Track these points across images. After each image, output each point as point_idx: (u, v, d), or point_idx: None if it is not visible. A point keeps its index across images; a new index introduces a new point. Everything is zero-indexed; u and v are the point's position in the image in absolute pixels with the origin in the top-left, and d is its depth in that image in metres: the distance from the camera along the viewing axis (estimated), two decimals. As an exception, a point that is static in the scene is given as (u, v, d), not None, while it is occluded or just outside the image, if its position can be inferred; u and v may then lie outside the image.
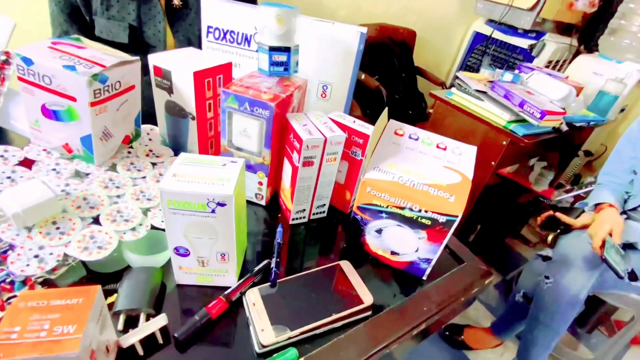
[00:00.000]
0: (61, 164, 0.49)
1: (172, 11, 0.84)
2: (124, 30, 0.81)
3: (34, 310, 0.28)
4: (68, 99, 0.45)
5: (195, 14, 0.85)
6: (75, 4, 0.80)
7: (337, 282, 0.47)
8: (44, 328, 0.27)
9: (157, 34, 0.83)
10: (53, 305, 0.28)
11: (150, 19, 0.82)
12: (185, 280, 0.45)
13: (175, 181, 0.37)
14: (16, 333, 0.26)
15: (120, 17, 0.80)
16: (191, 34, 0.88)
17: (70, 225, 0.42)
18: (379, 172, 0.46)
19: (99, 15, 0.80)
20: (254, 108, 0.51)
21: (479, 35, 2.30)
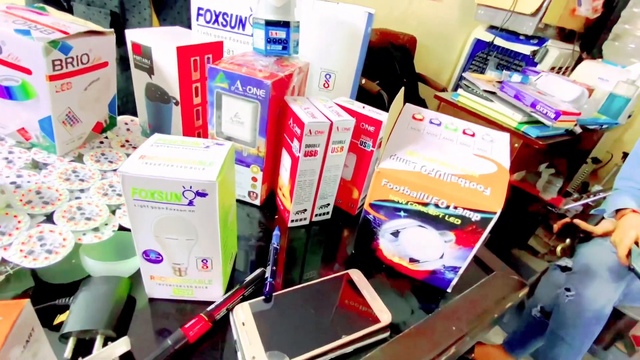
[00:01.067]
0: (15, 152, 0.41)
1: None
2: (105, 18, 0.74)
3: None
4: (21, 72, 0.37)
5: (185, 0, 0.79)
6: None
7: (347, 295, 0.39)
8: None
9: (142, 22, 0.76)
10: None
11: (135, 5, 0.75)
12: (158, 294, 0.36)
13: (142, 164, 0.29)
14: None
15: (101, 3, 0.73)
16: (179, 23, 0.81)
17: (14, 223, 0.33)
18: (397, 161, 0.38)
19: (77, 1, 0.73)
20: (246, 88, 0.43)
21: (480, 42, 2.27)
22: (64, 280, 0.36)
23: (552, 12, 1.90)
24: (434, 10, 2.14)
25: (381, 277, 0.45)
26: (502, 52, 2.14)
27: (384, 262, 0.45)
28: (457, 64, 2.44)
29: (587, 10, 1.89)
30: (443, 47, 2.34)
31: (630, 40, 1.79)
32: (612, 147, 2.08)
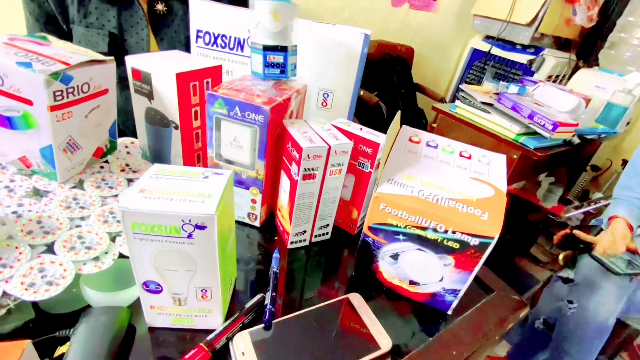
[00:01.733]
0: (17, 180, 0.42)
1: (156, 18, 0.78)
2: (104, 39, 0.75)
3: None
4: (23, 102, 0.38)
5: (181, 20, 0.80)
6: (52, 13, 0.74)
7: (347, 321, 0.39)
8: None
9: (139, 42, 0.77)
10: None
11: (133, 26, 0.76)
12: (158, 323, 0.36)
13: (141, 198, 0.29)
14: None
15: (99, 24, 0.74)
16: (177, 42, 0.82)
17: (15, 255, 0.34)
18: (395, 186, 0.39)
19: (76, 23, 0.74)
20: (245, 113, 0.44)
21: (477, 52, 2.29)
22: (64, 310, 0.36)
23: (548, 22, 1.92)
24: (430, 21, 2.17)
25: (381, 299, 0.45)
26: (499, 61, 2.16)
27: (384, 284, 0.45)
28: (454, 74, 2.46)
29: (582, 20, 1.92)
30: (440, 57, 2.36)
31: (626, 48, 1.80)
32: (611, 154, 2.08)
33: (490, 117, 1.16)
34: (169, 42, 0.81)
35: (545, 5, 1.88)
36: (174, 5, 0.79)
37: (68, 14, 0.73)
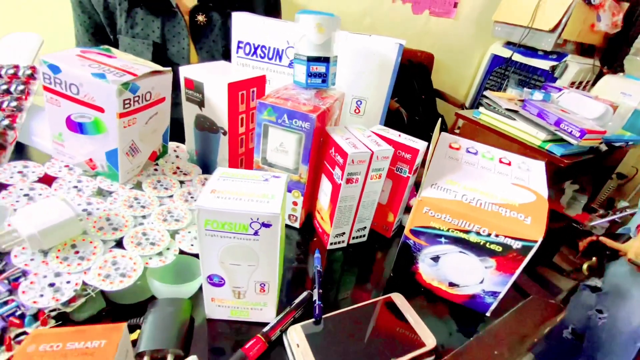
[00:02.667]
0: (83, 181, 0.45)
1: (196, 28, 0.83)
2: (148, 48, 0.79)
3: (46, 356, 0.22)
4: (95, 110, 0.42)
5: (220, 30, 0.84)
6: (100, 24, 0.79)
7: (392, 319, 0.41)
8: (57, 381, 0.21)
9: (181, 51, 0.82)
10: (70, 349, 0.23)
11: (175, 36, 0.81)
12: (216, 315, 0.38)
13: (214, 198, 0.32)
14: (22, 388, 0.21)
15: (144, 34, 0.79)
16: (215, 51, 0.86)
17: (90, 249, 0.37)
18: (438, 190, 0.40)
19: (123, 33, 0.79)
20: (292, 120, 0.46)
21: (497, 58, 2.28)
22: (131, 301, 0.39)
23: (571, 28, 1.90)
24: (451, 27, 2.18)
25: (420, 300, 0.46)
26: (520, 67, 2.14)
27: (422, 286, 0.47)
28: (473, 80, 2.46)
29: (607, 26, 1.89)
30: (460, 63, 2.36)
31: (652, 54, 1.77)
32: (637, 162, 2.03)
33: (516, 124, 1.16)
34: (208, 51, 0.85)
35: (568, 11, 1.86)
36: (213, 16, 0.83)
37: (116, 25, 0.78)
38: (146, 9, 0.77)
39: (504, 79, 2.21)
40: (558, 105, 1.26)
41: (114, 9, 0.77)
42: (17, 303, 0.33)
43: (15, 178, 0.43)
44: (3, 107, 0.54)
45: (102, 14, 0.77)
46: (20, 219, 0.35)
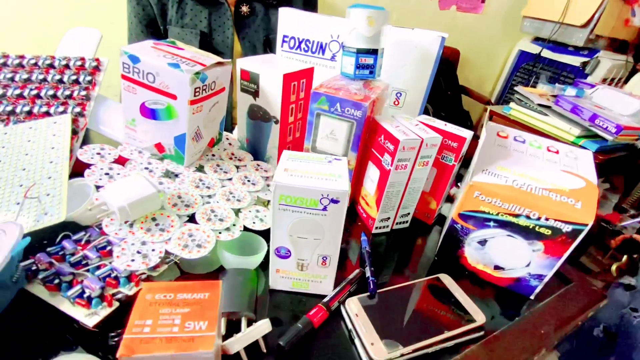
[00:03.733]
0: (153, 163, 0.49)
1: (240, 18, 0.87)
2: (196, 37, 0.84)
3: (162, 303, 0.26)
4: (169, 97, 0.45)
5: (261, 21, 0.88)
6: (153, 16, 0.85)
7: (441, 296, 0.43)
8: (176, 323, 0.25)
9: (225, 40, 0.86)
10: (180, 299, 0.26)
11: (220, 25, 0.85)
12: (279, 285, 0.42)
13: (288, 176, 0.35)
14: (149, 327, 0.24)
15: (192, 24, 0.83)
16: (256, 40, 0.90)
17: (169, 222, 0.41)
18: (489, 175, 0.42)
19: (173, 24, 0.84)
20: (345, 109, 0.49)
21: (525, 54, 2.24)
22: (200, 271, 0.43)
23: (604, 23, 1.86)
24: (477, 23, 2.15)
25: (464, 283, 0.48)
26: (549, 63, 2.10)
27: (467, 269, 0.49)
28: (499, 76, 2.42)
29: (643, 20, 1.83)
30: (486, 59, 2.33)
31: (692, 50, 1.70)
32: (672, 161, 1.96)
33: (548, 120, 1.15)
34: (250, 41, 0.89)
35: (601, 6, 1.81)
36: (256, 7, 0.87)
37: (166, 16, 0.84)
38: (195, 0, 0.82)
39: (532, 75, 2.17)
40: (592, 102, 1.24)
41: (166, 1, 0.82)
42: (110, 267, 0.37)
43: (95, 159, 0.47)
44: (74, 96, 0.59)
45: (155, 5, 0.82)
46: (109, 193, 0.39)
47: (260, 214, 0.47)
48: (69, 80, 0.61)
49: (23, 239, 0.35)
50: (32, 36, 1.15)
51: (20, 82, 0.60)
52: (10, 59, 0.62)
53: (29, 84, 0.60)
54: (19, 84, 0.59)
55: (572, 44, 1.96)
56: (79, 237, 0.41)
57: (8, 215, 0.42)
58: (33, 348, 0.33)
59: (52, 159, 0.48)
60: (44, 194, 0.44)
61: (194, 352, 0.23)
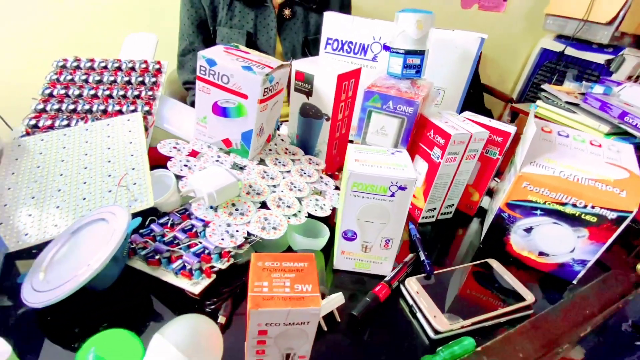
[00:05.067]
0: (222, 156, 0.55)
1: (282, 20, 0.92)
2: (242, 37, 0.90)
3: (272, 269, 0.30)
4: (240, 97, 0.50)
5: (301, 23, 0.93)
6: (204, 17, 0.91)
7: (492, 278, 0.47)
8: (287, 285, 0.29)
9: (269, 40, 0.92)
10: (285, 266, 0.31)
11: (264, 27, 0.90)
12: (343, 266, 0.46)
13: (359, 165, 0.39)
14: (266, 288, 0.29)
15: (240, 25, 0.89)
16: (295, 42, 0.95)
17: (246, 207, 0.46)
18: (537, 167, 0.46)
19: (222, 25, 0.90)
20: (397, 106, 0.53)
21: (547, 52, 2.23)
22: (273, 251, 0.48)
23: (630, 20, 1.84)
24: (499, 21, 2.16)
25: (509, 268, 0.52)
26: (572, 61, 2.09)
27: (511, 255, 0.52)
28: (521, 74, 2.41)
29: (672, 17, 1.81)
30: (507, 57, 2.33)
31: None
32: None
33: (576, 117, 1.16)
34: (290, 42, 0.94)
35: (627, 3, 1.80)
36: (297, 10, 0.92)
37: (217, 17, 0.90)
38: (243, 3, 0.88)
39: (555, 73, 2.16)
40: (619, 99, 1.25)
41: (218, 3, 0.89)
42: (202, 245, 0.42)
43: (173, 152, 0.52)
44: (141, 96, 0.65)
45: (207, 8, 0.89)
46: (197, 182, 0.44)
47: (319, 202, 0.52)
48: (136, 82, 0.67)
49: (134, 219, 0.41)
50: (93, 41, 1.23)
51: (94, 83, 0.66)
52: (82, 62, 0.68)
53: (101, 85, 0.66)
54: (92, 85, 0.65)
55: (596, 42, 1.95)
56: (164, 221, 0.47)
57: (103, 201, 0.48)
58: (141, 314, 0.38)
59: (132, 153, 0.54)
60: (131, 183, 0.50)
61: (305, 307, 0.28)
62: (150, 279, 0.40)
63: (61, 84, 0.65)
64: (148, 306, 0.39)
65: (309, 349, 0.32)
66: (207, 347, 0.30)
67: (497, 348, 0.39)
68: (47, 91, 0.63)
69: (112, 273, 0.38)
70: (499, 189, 0.59)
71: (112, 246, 0.36)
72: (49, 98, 0.63)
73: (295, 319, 0.29)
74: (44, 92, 0.63)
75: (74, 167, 0.52)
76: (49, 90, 0.64)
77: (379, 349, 0.38)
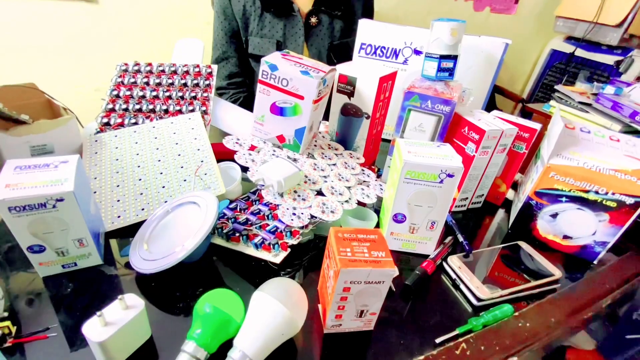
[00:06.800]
0: (277, 151, 0.61)
1: (309, 28, 0.99)
2: (273, 45, 0.96)
3: (351, 240, 0.37)
4: (297, 98, 0.57)
5: (327, 30, 0.99)
6: (236, 28, 0.97)
7: (523, 257, 0.53)
8: (365, 252, 0.36)
9: (297, 47, 0.98)
10: (360, 237, 0.38)
11: (293, 35, 0.97)
12: (391, 246, 0.53)
13: (413, 156, 0.46)
14: (350, 252, 0.35)
15: (270, 35, 0.96)
16: (321, 47, 1.02)
17: (306, 194, 0.52)
18: (563, 159, 0.52)
19: (253, 35, 0.96)
20: (435, 105, 0.59)
21: (557, 53, 2.28)
22: (326, 234, 0.54)
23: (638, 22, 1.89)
24: (510, 23, 2.21)
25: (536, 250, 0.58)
26: (582, 62, 2.14)
27: (538, 239, 0.58)
28: (530, 75, 2.46)
29: (680, 19, 1.85)
30: (517, 58, 2.38)
31: None
32: None
33: (589, 117, 1.22)
34: (317, 48, 1.00)
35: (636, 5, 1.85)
36: (322, 18, 0.99)
37: (248, 28, 0.96)
38: (273, 14, 0.94)
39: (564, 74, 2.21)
40: (630, 99, 1.30)
41: (249, 15, 0.95)
42: (274, 225, 0.49)
43: (236, 147, 0.59)
44: (198, 97, 0.72)
45: (240, 19, 0.95)
46: (265, 171, 0.51)
47: (365, 191, 0.58)
48: (191, 84, 0.74)
49: (222, 201, 0.47)
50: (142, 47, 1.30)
51: (154, 85, 0.73)
52: (142, 66, 0.75)
53: (160, 87, 0.73)
54: (153, 87, 0.73)
55: (605, 43, 2.00)
56: (233, 206, 0.53)
57: (180, 189, 0.55)
58: (229, 282, 0.45)
59: (199, 147, 0.61)
60: (203, 173, 0.57)
61: (384, 268, 0.34)
62: (227, 253, 0.47)
63: (125, 86, 0.72)
64: (231, 275, 0.46)
65: (379, 307, 0.38)
66: (298, 302, 0.37)
67: (531, 314, 0.45)
68: (114, 92, 0.71)
69: (202, 249, 0.45)
70: (524, 181, 0.65)
71: (207, 226, 0.42)
72: (116, 99, 0.70)
73: (374, 278, 0.35)
74: (111, 93, 0.71)
75: (148, 160, 0.59)
76: (115, 91, 0.71)
77: (430, 313, 0.44)
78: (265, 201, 0.51)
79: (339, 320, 0.38)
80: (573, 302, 0.48)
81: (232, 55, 1.01)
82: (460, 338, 0.41)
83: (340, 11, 1.00)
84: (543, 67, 2.34)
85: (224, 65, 1.03)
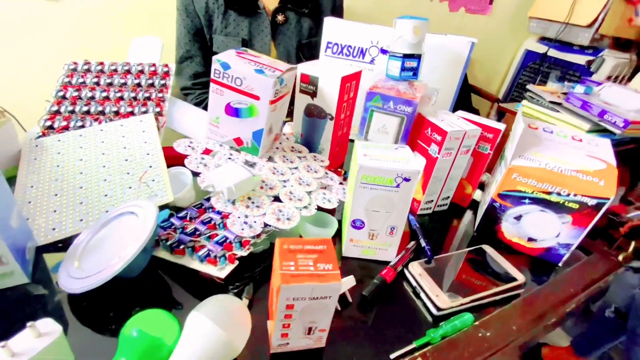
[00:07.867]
0: (234, 154, 0.58)
1: (276, 26, 0.96)
2: (238, 44, 0.93)
3: (296, 252, 0.34)
4: (252, 98, 0.54)
5: (294, 28, 0.97)
6: (199, 26, 0.93)
7: (487, 261, 0.51)
8: (310, 265, 0.33)
9: (263, 46, 0.95)
10: (307, 249, 0.35)
11: (259, 33, 0.94)
12: (351, 253, 0.50)
13: (368, 159, 0.43)
14: (293, 266, 0.33)
15: (235, 33, 0.92)
16: (290, 46, 0.99)
17: (261, 200, 0.49)
18: (525, 160, 0.51)
19: (217, 33, 0.92)
20: (397, 106, 0.57)
21: (531, 53, 2.32)
22: (284, 243, 0.51)
23: (609, 23, 1.94)
24: (485, 24, 2.23)
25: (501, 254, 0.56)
26: (555, 62, 2.18)
27: (503, 242, 0.57)
28: (506, 75, 2.50)
29: (646, 20, 1.91)
30: (493, 59, 2.41)
31: (693, 48, 1.78)
32: (676, 155, 2.04)
33: (559, 116, 1.23)
34: (284, 47, 0.97)
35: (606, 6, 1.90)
36: (289, 16, 0.96)
37: (212, 26, 0.92)
38: (238, 11, 0.91)
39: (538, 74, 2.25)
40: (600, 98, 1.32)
41: (213, 12, 0.91)
42: (223, 235, 0.45)
43: (188, 150, 0.55)
44: (152, 98, 0.68)
45: (203, 17, 0.91)
46: (215, 177, 0.48)
47: (326, 196, 0.56)
48: (146, 84, 0.69)
49: (162, 211, 0.44)
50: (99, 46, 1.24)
51: (105, 85, 0.68)
52: (92, 65, 0.71)
53: (111, 87, 0.68)
54: (103, 87, 0.68)
55: (577, 43, 2.05)
56: (182, 215, 0.50)
57: (124, 197, 0.51)
58: (169, 299, 0.42)
59: (148, 152, 0.57)
60: (150, 179, 0.53)
61: (328, 283, 0.32)
62: (173, 267, 0.44)
63: (73, 86, 0.67)
64: (174, 292, 0.43)
65: (329, 323, 0.36)
66: (239, 322, 0.34)
67: (493, 322, 0.43)
68: (60, 94, 0.66)
69: (140, 262, 0.42)
70: (490, 182, 0.63)
71: (143, 237, 0.39)
72: (62, 100, 0.65)
73: (319, 293, 0.32)
74: (57, 94, 0.66)
75: (92, 166, 0.55)
76: (61, 92, 0.66)
77: (388, 324, 0.42)
78: (217, 209, 0.47)
79: (285, 339, 0.35)
80: (536, 309, 0.47)
81: (196, 54, 0.97)
82: (416, 352, 0.39)
83: (308, 9, 0.97)
84: (518, 67, 2.38)
85: (189, 64, 0.98)
